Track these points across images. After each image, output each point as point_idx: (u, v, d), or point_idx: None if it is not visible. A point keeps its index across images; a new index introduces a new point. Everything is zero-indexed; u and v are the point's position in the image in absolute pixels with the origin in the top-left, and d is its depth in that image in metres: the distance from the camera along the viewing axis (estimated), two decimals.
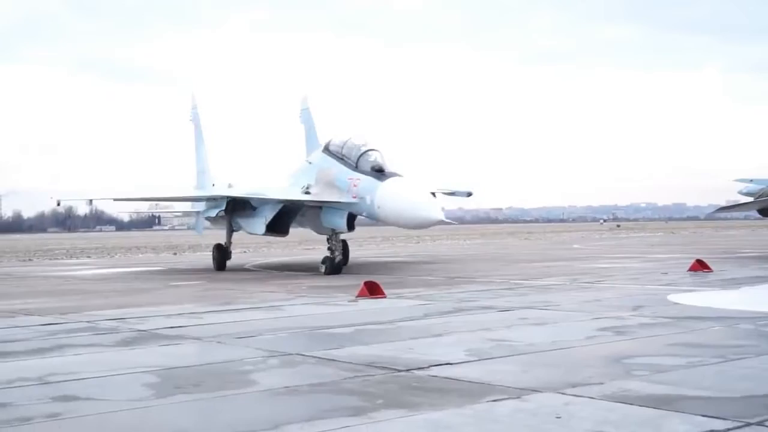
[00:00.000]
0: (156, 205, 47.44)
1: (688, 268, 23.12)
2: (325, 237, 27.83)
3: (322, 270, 25.83)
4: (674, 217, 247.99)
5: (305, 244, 53.34)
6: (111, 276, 29.18)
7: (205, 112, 38.97)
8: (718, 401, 7.18)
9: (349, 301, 16.97)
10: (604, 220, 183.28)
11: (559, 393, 7.57)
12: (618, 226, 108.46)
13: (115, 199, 31.43)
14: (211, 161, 37.32)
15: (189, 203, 36.95)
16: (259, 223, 28.28)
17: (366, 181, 24.53)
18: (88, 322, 14.35)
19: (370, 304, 16.37)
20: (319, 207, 26.61)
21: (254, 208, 28.82)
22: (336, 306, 16.31)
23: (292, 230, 29.71)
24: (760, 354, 9.43)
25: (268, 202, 28.10)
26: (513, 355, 9.79)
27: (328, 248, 26.61)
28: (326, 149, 27.00)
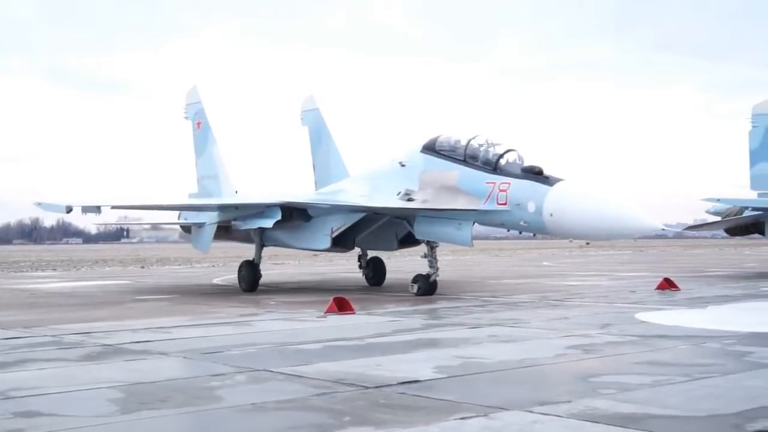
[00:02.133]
0: (125, 217, 45.10)
1: (655, 286, 23.28)
2: (354, 253, 26.39)
3: (414, 290, 22.20)
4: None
5: (274, 259, 53.13)
6: (77, 289, 28.85)
7: (210, 110, 32.48)
8: (684, 420, 7.22)
9: (318, 317, 16.90)
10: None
11: (527, 411, 7.58)
12: (587, 243, 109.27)
13: (113, 207, 26.42)
14: (228, 165, 31.36)
15: (174, 215, 31.04)
16: (320, 236, 24.24)
17: (521, 185, 20.16)
18: (52, 336, 14.18)
19: (339, 320, 16.31)
20: (403, 218, 23.34)
21: (308, 219, 24.69)
22: (305, 322, 16.24)
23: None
24: (726, 373, 9.50)
25: (340, 210, 23.93)
26: (481, 373, 9.79)
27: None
28: (430, 149, 22.61)
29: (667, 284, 23.08)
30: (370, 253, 27.67)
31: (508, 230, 21.81)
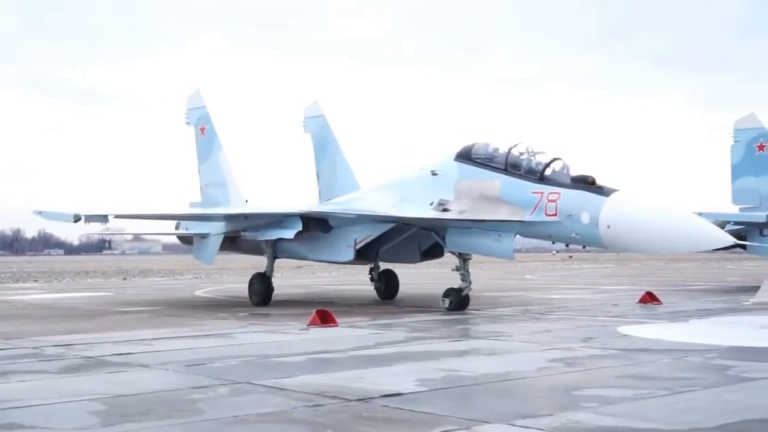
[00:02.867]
0: (107, 228, 44.24)
1: (638, 300, 23.37)
2: (367, 267, 25.82)
3: (445, 305, 21.08)
4: None
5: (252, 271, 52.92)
6: (58, 301, 28.67)
7: (214, 116, 30.79)
8: None
9: (300, 330, 16.87)
10: (557, 251, 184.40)
11: (509, 424, 7.59)
12: (570, 257, 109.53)
13: (116, 216, 24.54)
14: (236, 172, 29.84)
15: (171, 226, 29.23)
16: (342, 248, 23.19)
17: (573, 195, 19.20)
18: (33, 348, 14.08)
19: (321, 332, 16.28)
20: (431, 229, 22.41)
21: (327, 230, 23.64)
22: (287, 334, 16.20)
23: (241, 256, 26.44)
24: (708, 387, 9.55)
25: (365, 221, 22.72)
26: (464, 386, 9.80)
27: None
28: (465, 157, 21.45)
29: (650, 298, 23.18)
30: (383, 265, 26.65)
31: (554, 242, 21.06)
